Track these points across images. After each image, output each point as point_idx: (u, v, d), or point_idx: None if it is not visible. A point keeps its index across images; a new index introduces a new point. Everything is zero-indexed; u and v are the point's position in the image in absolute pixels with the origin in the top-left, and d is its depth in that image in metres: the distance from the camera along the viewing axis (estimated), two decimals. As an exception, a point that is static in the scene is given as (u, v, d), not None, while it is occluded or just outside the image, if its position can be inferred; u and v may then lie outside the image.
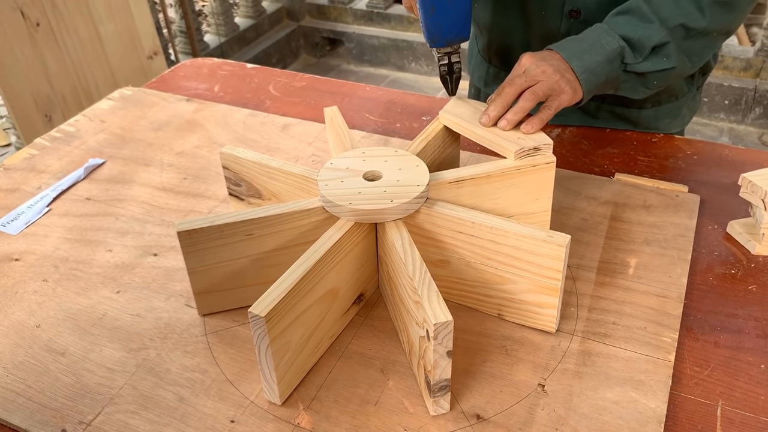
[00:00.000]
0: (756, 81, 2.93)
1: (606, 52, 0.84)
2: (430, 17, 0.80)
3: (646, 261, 0.80)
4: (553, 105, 0.81)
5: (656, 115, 1.04)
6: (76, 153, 1.05)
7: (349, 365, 0.69)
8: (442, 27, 0.81)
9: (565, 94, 0.82)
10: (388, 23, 3.65)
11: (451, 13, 0.80)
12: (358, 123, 1.11)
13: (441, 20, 0.80)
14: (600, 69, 0.84)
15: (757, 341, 0.70)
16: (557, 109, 0.82)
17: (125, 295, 0.79)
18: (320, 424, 0.63)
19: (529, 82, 0.81)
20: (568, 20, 0.97)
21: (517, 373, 0.67)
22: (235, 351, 0.71)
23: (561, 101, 0.81)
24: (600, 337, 0.71)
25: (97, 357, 0.71)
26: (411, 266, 0.64)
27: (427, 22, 0.81)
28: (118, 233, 0.88)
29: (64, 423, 0.64)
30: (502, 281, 0.71)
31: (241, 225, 0.70)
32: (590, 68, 0.83)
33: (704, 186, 0.92)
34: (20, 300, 0.78)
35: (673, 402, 0.64)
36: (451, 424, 0.63)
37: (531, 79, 0.81)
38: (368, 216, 0.69)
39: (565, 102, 0.82)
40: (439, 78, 0.86)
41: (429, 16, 0.80)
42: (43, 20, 2.15)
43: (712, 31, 0.87)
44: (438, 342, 0.58)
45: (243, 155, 0.81)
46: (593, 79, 0.84)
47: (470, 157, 0.98)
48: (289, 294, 0.61)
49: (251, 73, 1.29)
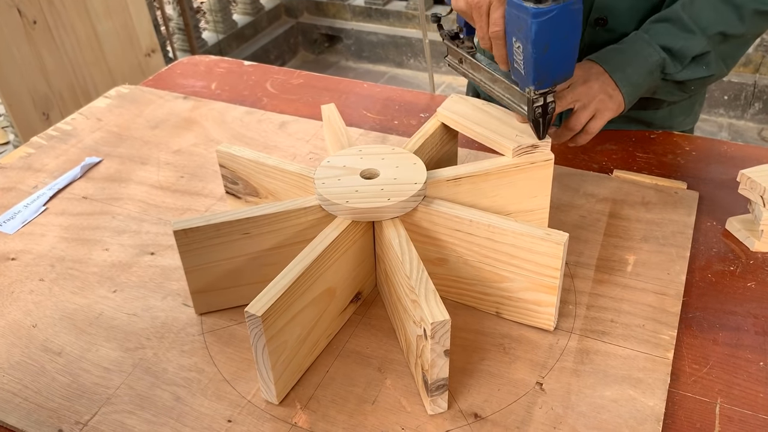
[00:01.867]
0: (755, 76, 2.93)
1: (648, 63, 0.85)
2: (542, 57, 0.69)
3: (645, 258, 0.79)
4: (598, 124, 0.84)
5: (671, 114, 1.04)
6: (72, 151, 1.05)
7: (347, 364, 0.69)
8: (554, 66, 0.71)
9: (609, 111, 0.84)
10: (386, 20, 3.64)
11: (564, 49, 0.70)
12: (355, 120, 1.11)
13: (554, 58, 0.70)
14: (642, 81, 0.85)
15: (756, 338, 0.70)
16: (603, 124, 0.85)
17: (122, 294, 0.78)
18: (318, 423, 0.63)
19: (575, 98, 0.82)
20: (593, 29, 0.95)
21: (515, 371, 0.67)
22: (232, 350, 0.71)
23: (605, 118, 0.84)
24: (598, 334, 0.70)
25: (93, 357, 0.71)
26: (408, 265, 0.64)
27: (538, 63, 0.69)
28: (114, 232, 0.88)
29: (60, 423, 0.64)
30: (500, 279, 0.70)
31: (237, 224, 0.69)
32: (632, 81, 0.85)
33: (703, 183, 0.92)
34: (16, 299, 0.78)
35: (672, 400, 0.64)
36: (448, 422, 0.62)
37: (576, 96, 0.82)
38: (365, 214, 0.69)
39: (609, 118, 0.84)
40: (530, 121, 0.75)
41: (541, 55, 0.69)
42: (39, 18, 2.14)
43: (748, 36, 0.88)
44: (435, 341, 0.58)
45: (239, 153, 0.80)
46: (635, 92, 0.85)
47: (468, 155, 0.98)
48: (286, 293, 0.61)
49: (248, 70, 1.29)
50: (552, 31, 0.67)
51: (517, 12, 0.68)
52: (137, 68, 2.53)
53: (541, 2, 0.66)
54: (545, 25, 0.66)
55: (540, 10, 0.66)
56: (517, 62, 0.72)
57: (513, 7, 0.68)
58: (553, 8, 0.66)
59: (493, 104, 0.84)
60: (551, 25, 0.67)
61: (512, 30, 0.70)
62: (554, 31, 0.67)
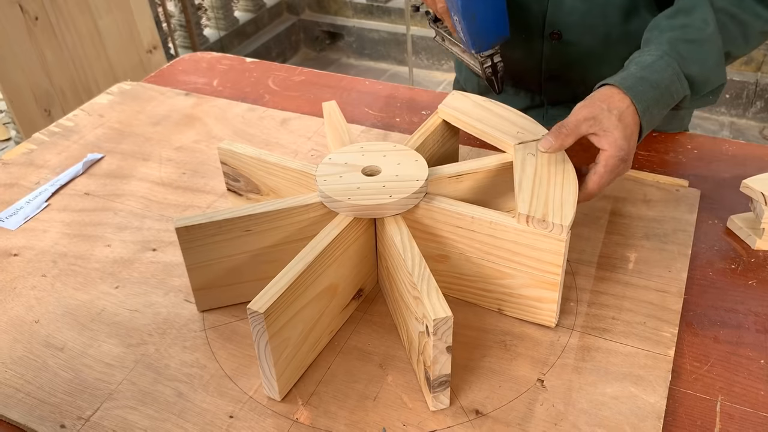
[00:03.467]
0: (757, 75, 2.92)
1: (672, 101, 0.78)
2: (473, 25, 0.81)
3: (646, 256, 0.79)
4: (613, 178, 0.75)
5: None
6: (74, 148, 1.05)
7: (348, 360, 0.69)
8: (486, 31, 0.82)
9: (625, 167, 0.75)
10: (388, 17, 3.63)
11: (491, 15, 0.81)
12: (357, 117, 1.11)
13: (483, 25, 0.81)
14: (659, 119, 0.78)
15: (757, 336, 0.70)
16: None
17: (124, 290, 0.78)
18: (319, 419, 0.63)
19: (592, 131, 0.73)
20: (550, 42, 0.96)
21: (516, 368, 0.67)
22: (233, 346, 0.71)
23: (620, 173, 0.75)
24: (599, 332, 0.70)
25: (95, 352, 0.71)
26: (410, 261, 0.64)
27: (470, 31, 0.81)
28: (116, 228, 0.88)
29: (62, 418, 0.64)
30: (502, 276, 0.70)
31: (239, 221, 0.70)
32: (654, 122, 0.77)
33: (704, 180, 0.92)
34: (19, 295, 0.78)
35: (673, 397, 0.64)
36: (450, 419, 0.63)
37: (594, 131, 0.73)
38: (367, 211, 0.69)
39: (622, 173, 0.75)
40: (485, 80, 0.88)
41: (472, 23, 0.81)
42: (41, 14, 2.14)
43: (741, 57, 0.87)
44: (437, 337, 0.58)
45: (241, 150, 0.80)
46: (648, 129, 0.77)
47: (470, 152, 0.98)
48: (288, 290, 0.61)
49: (250, 67, 1.29)
50: (476, 3, 0.80)
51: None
52: (139, 65, 2.53)
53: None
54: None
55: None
56: (460, 33, 0.84)
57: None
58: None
59: (495, 101, 0.84)
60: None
61: (450, 6, 0.83)
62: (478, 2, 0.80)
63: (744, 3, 0.82)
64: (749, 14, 0.82)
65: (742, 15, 0.81)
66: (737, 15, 0.81)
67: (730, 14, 0.81)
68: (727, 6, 0.81)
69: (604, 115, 0.72)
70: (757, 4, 0.82)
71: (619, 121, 0.72)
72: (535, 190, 0.69)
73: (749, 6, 0.82)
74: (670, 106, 0.78)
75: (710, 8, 0.80)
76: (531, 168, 0.72)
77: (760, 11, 0.82)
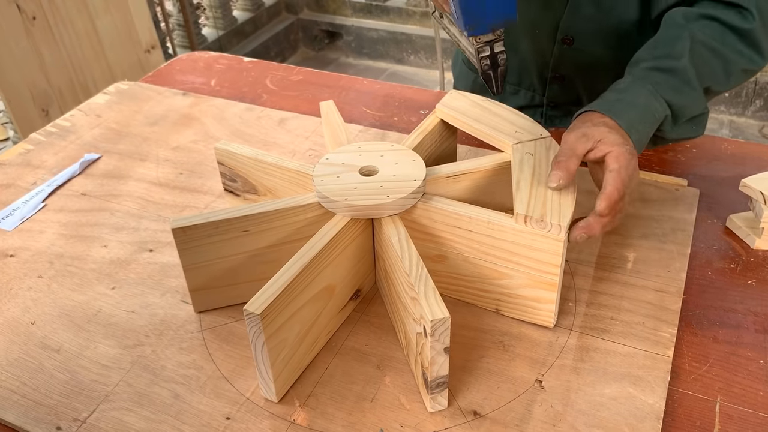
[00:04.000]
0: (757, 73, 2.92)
1: (654, 120, 0.77)
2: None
3: (645, 255, 0.79)
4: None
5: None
6: (71, 148, 1.05)
7: (346, 361, 0.68)
8: (483, 7, 0.63)
9: (636, 161, 0.73)
10: (386, 16, 3.63)
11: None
12: (355, 117, 1.11)
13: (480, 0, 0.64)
14: (647, 138, 0.78)
15: (756, 336, 0.70)
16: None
17: (120, 291, 0.78)
18: (316, 420, 0.63)
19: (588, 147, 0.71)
20: (560, 46, 0.96)
21: (514, 369, 0.67)
22: (230, 347, 0.71)
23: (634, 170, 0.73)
24: (598, 332, 0.70)
25: (92, 354, 0.70)
26: (408, 262, 0.63)
27: (464, 4, 0.63)
28: (113, 229, 0.88)
29: (59, 420, 0.64)
30: (500, 276, 0.70)
31: (236, 221, 0.69)
32: (643, 140, 0.76)
33: (704, 180, 0.92)
34: (15, 296, 0.78)
35: (672, 398, 0.64)
36: (447, 420, 0.62)
37: (590, 146, 0.71)
38: (364, 211, 0.69)
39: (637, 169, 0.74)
40: (480, 75, 0.71)
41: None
42: (39, 14, 2.14)
43: (722, 93, 0.85)
44: (435, 339, 0.58)
45: (238, 150, 0.80)
46: (640, 148, 0.76)
47: (468, 151, 0.98)
48: (285, 291, 0.61)
49: (248, 66, 1.29)
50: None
51: None
52: (137, 64, 2.52)
53: None
54: None
55: None
56: (453, 8, 0.66)
57: None
58: None
59: (493, 100, 0.84)
60: None
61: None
62: None
63: (726, 39, 0.80)
64: (731, 50, 0.80)
65: (723, 51, 0.80)
66: (719, 50, 0.80)
67: (711, 48, 0.80)
68: (708, 40, 0.80)
69: (592, 129, 0.72)
70: (739, 42, 0.81)
71: (608, 128, 0.72)
72: (533, 190, 0.69)
73: (731, 42, 0.80)
74: (653, 124, 0.77)
75: (689, 41, 0.79)
76: (529, 168, 0.72)
77: (742, 48, 0.81)
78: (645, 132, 0.76)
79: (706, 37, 0.80)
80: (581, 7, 0.91)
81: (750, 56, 0.82)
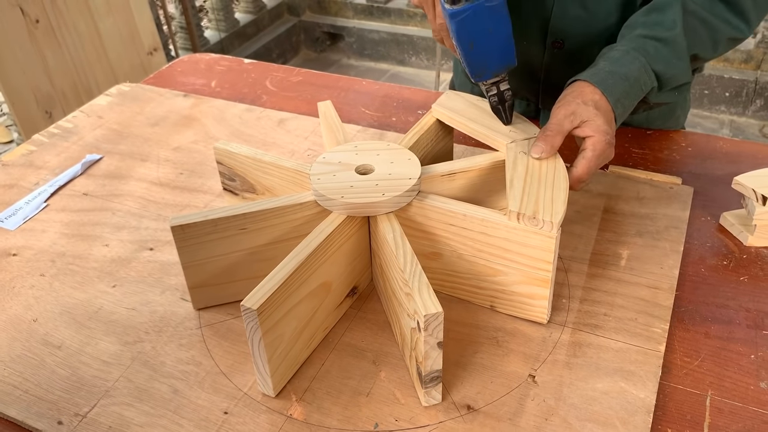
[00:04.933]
0: (757, 73, 2.93)
1: (641, 92, 0.81)
2: (471, 53, 0.72)
3: (639, 252, 0.80)
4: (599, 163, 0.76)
5: (648, 118, 1.04)
6: (73, 149, 1.06)
7: (342, 357, 0.70)
8: (486, 60, 0.72)
9: (611, 152, 0.76)
10: (388, 17, 3.64)
11: (493, 43, 0.71)
12: (354, 117, 1.12)
13: (483, 53, 0.72)
14: (631, 108, 0.81)
15: (747, 332, 0.71)
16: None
17: (121, 289, 0.79)
18: (312, 414, 0.64)
19: (574, 126, 0.75)
20: (551, 51, 0.97)
21: (508, 364, 0.68)
22: (229, 343, 0.72)
23: (608, 157, 0.76)
24: (591, 328, 0.71)
25: (92, 350, 0.72)
26: (402, 259, 0.64)
27: (468, 59, 0.72)
28: (114, 228, 0.89)
29: (60, 415, 0.65)
30: (494, 273, 0.71)
31: (234, 219, 0.70)
32: (626, 112, 0.80)
33: (698, 178, 0.92)
34: (17, 294, 0.79)
35: (663, 392, 0.65)
36: (441, 414, 0.63)
37: (576, 125, 0.75)
38: (360, 209, 0.70)
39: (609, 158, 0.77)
40: (491, 109, 0.78)
41: (469, 52, 0.71)
42: (42, 17, 2.16)
43: (708, 61, 0.88)
44: (428, 333, 0.59)
45: (237, 150, 0.81)
46: (622, 118, 0.81)
47: (465, 151, 0.99)
48: (282, 287, 0.62)
49: (248, 68, 1.30)
50: (472, 30, 0.69)
51: (443, 13, 0.71)
52: (139, 67, 2.54)
53: (455, 3, 0.68)
54: (463, 24, 0.69)
55: (455, 11, 0.68)
56: (459, 58, 0.74)
57: (441, 7, 0.71)
58: (467, 8, 0.68)
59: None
60: (469, 23, 0.68)
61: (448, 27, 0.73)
62: (474, 29, 0.69)
63: (715, 8, 0.83)
64: (719, 20, 0.84)
65: (712, 20, 0.83)
66: (707, 20, 0.83)
67: (701, 18, 0.83)
68: (698, 10, 0.83)
69: (581, 108, 0.75)
70: (727, 11, 0.84)
71: (596, 109, 0.75)
72: (526, 188, 0.70)
73: (720, 12, 0.84)
74: (639, 97, 0.81)
75: (680, 9, 0.82)
76: (522, 166, 0.73)
77: (730, 17, 0.84)
78: (630, 104, 0.81)
79: (697, 6, 0.83)
80: (568, 8, 0.92)
81: (737, 25, 0.84)
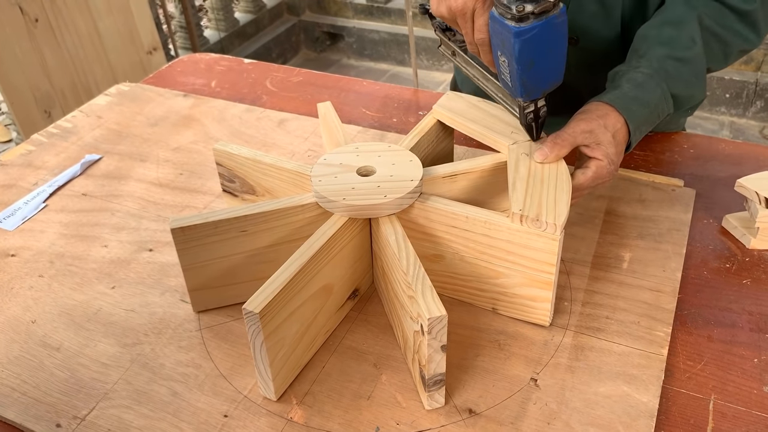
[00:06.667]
0: (757, 74, 2.92)
1: (658, 119, 0.81)
2: (527, 71, 0.68)
3: (641, 255, 0.79)
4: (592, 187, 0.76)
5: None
6: (72, 149, 1.06)
7: (343, 360, 0.69)
8: (542, 78, 0.69)
9: (609, 179, 0.76)
10: (388, 17, 3.64)
11: (551, 61, 0.68)
12: (354, 118, 1.11)
13: (541, 71, 0.68)
14: (644, 134, 0.81)
15: (750, 335, 0.70)
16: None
17: (120, 290, 0.79)
18: (313, 418, 0.63)
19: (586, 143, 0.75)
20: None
21: (510, 367, 0.67)
22: (229, 346, 0.71)
23: (603, 183, 0.76)
24: (593, 331, 0.71)
25: (91, 352, 0.71)
26: (405, 261, 0.64)
27: (523, 77, 0.68)
28: (113, 229, 0.88)
29: (58, 418, 0.65)
30: (496, 275, 0.71)
31: (234, 221, 0.70)
32: (640, 137, 0.80)
33: (700, 180, 0.92)
34: (16, 295, 0.79)
35: (666, 396, 0.64)
36: (443, 418, 0.63)
37: (588, 144, 0.75)
38: (362, 211, 0.69)
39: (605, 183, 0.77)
40: (523, 126, 0.76)
41: (526, 70, 0.67)
42: (41, 16, 2.15)
43: (715, 72, 0.88)
44: (432, 336, 0.59)
45: (236, 151, 0.81)
46: (636, 142, 0.80)
47: (466, 152, 0.98)
48: (284, 290, 0.61)
49: (248, 68, 1.29)
50: (536, 48, 0.66)
51: (500, 28, 0.66)
52: (139, 66, 2.53)
53: (522, 21, 0.64)
54: (528, 43, 0.65)
55: (522, 29, 0.64)
56: (504, 74, 0.71)
57: (496, 22, 0.66)
58: (535, 26, 0.64)
59: (489, 101, 0.84)
60: (535, 43, 0.65)
61: (497, 43, 0.69)
62: (538, 47, 0.66)
63: (726, 21, 0.83)
64: (730, 33, 0.84)
65: (724, 34, 0.84)
66: (720, 34, 0.84)
67: (714, 33, 0.83)
68: (712, 25, 0.83)
69: (601, 131, 0.74)
70: (738, 22, 0.84)
71: (613, 138, 0.75)
72: (528, 190, 0.69)
73: (731, 24, 0.84)
74: (654, 124, 0.81)
75: (698, 25, 0.82)
76: (525, 168, 0.72)
77: (741, 28, 0.84)
78: (646, 131, 0.81)
79: (710, 21, 0.83)
80: (584, 4, 0.92)
81: (747, 36, 0.85)
